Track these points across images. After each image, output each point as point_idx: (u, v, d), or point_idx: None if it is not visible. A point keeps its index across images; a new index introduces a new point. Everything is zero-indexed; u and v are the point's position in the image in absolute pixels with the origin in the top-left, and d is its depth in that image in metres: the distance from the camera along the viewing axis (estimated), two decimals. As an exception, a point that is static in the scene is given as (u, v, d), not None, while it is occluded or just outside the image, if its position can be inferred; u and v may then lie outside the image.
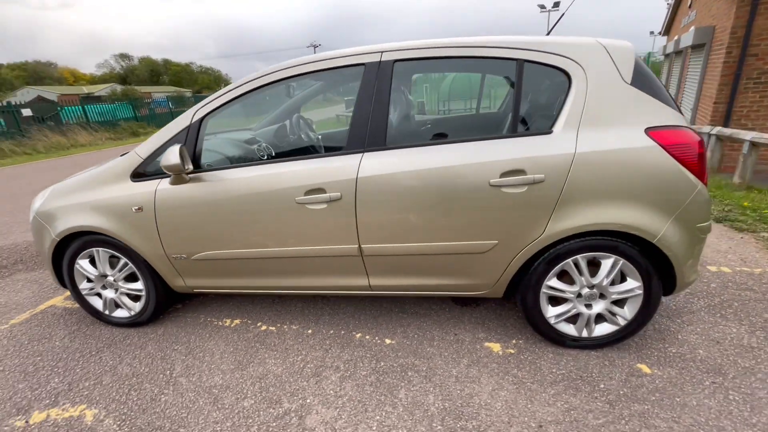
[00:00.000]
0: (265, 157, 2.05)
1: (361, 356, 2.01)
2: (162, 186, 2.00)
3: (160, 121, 19.61)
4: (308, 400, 1.74)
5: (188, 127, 1.98)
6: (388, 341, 2.11)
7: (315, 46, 50.38)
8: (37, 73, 62.76)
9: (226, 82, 62.46)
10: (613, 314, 1.87)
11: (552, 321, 1.92)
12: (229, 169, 1.96)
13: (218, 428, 1.62)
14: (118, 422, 1.68)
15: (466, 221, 1.77)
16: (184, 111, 2.49)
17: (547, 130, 1.70)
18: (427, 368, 1.89)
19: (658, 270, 1.77)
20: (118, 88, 47.75)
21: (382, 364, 1.94)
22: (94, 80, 64.31)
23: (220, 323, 2.37)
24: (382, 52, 1.83)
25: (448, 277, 1.93)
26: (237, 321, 2.38)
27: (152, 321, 2.39)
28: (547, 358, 1.91)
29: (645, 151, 1.62)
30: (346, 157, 1.83)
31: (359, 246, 1.89)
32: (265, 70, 1.95)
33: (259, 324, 2.33)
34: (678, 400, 1.62)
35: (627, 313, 1.86)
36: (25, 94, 40.14)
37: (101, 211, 2.10)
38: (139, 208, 2.04)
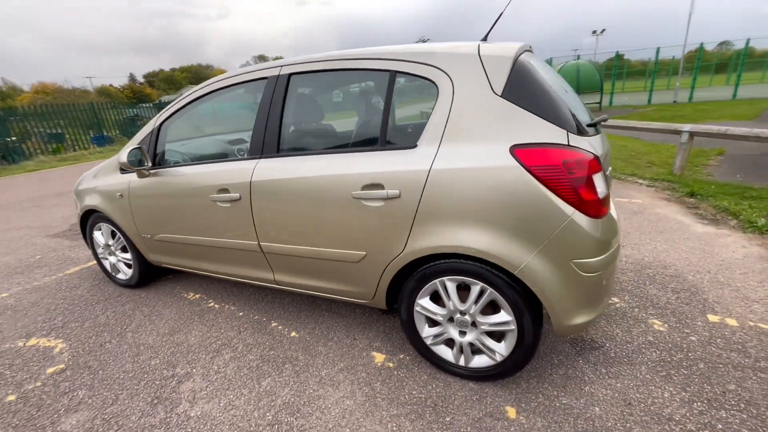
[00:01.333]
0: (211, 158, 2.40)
1: (261, 342, 2.21)
2: (134, 178, 2.49)
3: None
4: (194, 370, 2.02)
5: (151, 132, 2.42)
6: (293, 334, 2.27)
7: (423, 41, 51.13)
8: (198, 74, 79.09)
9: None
10: (488, 347, 1.71)
11: (428, 341, 1.84)
12: (175, 167, 2.34)
13: (123, 377, 2.01)
14: (71, 356, 2.20)
15: (336, 230, 1.82)
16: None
17: (412, 145, 1.64)
18: (304, 364, 2.00)
19: (531, 305, 1.56)
20: None
21: (272, 353, 2.11)
22: None
23: (185, 296, 2.82)
24: (281, 66, 1.97)
25: (336, 282, 1.99)
26: (197, 296, 2.80)
27: (141, 286, 2.97)
28: (420, 379, 1.84)
29: (506, 171, 1.45)
30: (246, 162, 2.03)
31: (258, 243, 2.08)
32: (203, 83, 2.28)
33: (209, 301, 2.71)
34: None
35: (503, 348, 1.68)
36: (186, 91, 50.25)
37: (102, 195, 2.71)
38: (120, 195, 2.57)
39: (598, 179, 1.44)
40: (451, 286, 1.68)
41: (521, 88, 1.49)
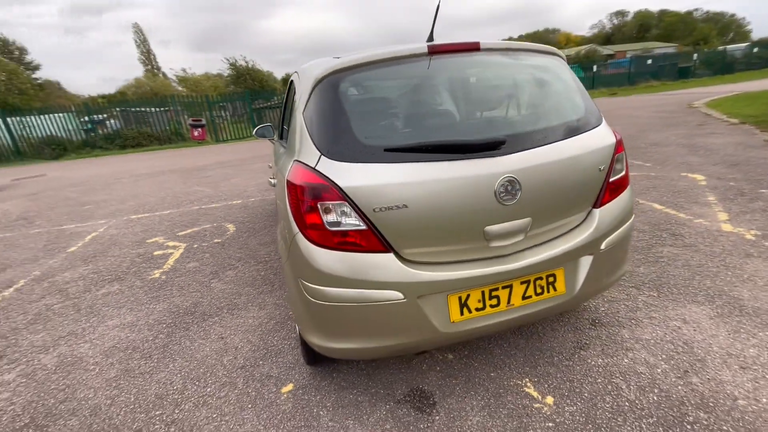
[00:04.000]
0: None
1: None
2: None
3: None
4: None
5: None
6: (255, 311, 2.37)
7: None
8: (541, 39, 66.86)
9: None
10: None
11: None
12: None
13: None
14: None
15: None
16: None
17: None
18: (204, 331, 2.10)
19: None
20: (599, 48, 43.75)
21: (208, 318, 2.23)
22: (580, 42, 62.87)
23: (178, 264, 2.96)
24: None
25: None
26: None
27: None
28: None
29: (283, 184, 1.68)
30: None
31: None
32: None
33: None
34: None
35: None
36: None
37: None
38: None
39: (337, 209, 1.47)
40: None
41: (311, 109, 1.66)
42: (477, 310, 1.62)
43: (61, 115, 15.26)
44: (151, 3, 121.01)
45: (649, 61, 24.78)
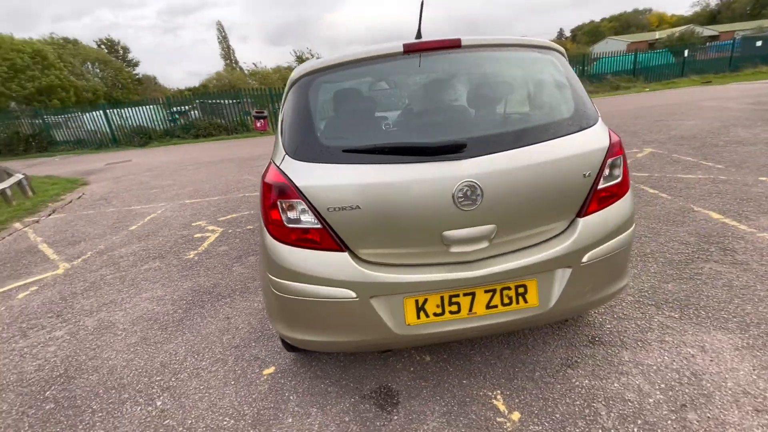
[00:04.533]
0: None
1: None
2: None
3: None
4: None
5: None
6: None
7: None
8: (627, 22, 63.90)
9: None
10: None
11: None
12: None
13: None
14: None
15: None
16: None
17: None
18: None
19: None
20: (698, 29, 38.38)
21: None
22: (676, 23, 57.06)
23: (202, 248, 3.26)
24: None
25: None
26: (211, 250, 3.23)
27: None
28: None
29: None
30: None
31: None
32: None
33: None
34: None
35: None
36: (603, 45, 40.81)
37: None
38: None
39: (298, 209, 1.52)
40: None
41: (284, 110, 1.70)
42: (435, 315, 1.60)
43: (150, 107, 17.25)
44: (233, 1, 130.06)
45: (759, 43, 21.19)
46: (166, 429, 1.80)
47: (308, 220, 1.54)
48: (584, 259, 1.62)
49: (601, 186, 1.64)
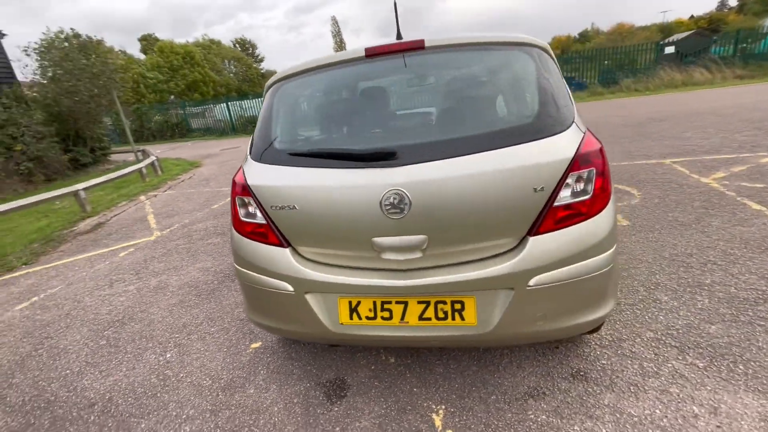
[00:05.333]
0: None
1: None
2: None
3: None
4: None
5: None
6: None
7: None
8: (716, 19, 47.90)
9: None
10: None
11: None
12: None
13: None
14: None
15: None
16: None
17: None
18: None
19: None
20: None
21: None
22: None
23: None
24: None
25: None
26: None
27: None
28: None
29: None
30: None
31: None
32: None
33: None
34: None
35: None
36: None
37: None
38: None
39: (250, 205, 1.68)
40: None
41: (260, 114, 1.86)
42: (368, 318, 1.62)
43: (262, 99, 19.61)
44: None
45: None
46: (165, 377, 2.19)
47: (258, 215, 1.69)
48: (531, 283, 1.46)
49: (560, 203, 1.44)
